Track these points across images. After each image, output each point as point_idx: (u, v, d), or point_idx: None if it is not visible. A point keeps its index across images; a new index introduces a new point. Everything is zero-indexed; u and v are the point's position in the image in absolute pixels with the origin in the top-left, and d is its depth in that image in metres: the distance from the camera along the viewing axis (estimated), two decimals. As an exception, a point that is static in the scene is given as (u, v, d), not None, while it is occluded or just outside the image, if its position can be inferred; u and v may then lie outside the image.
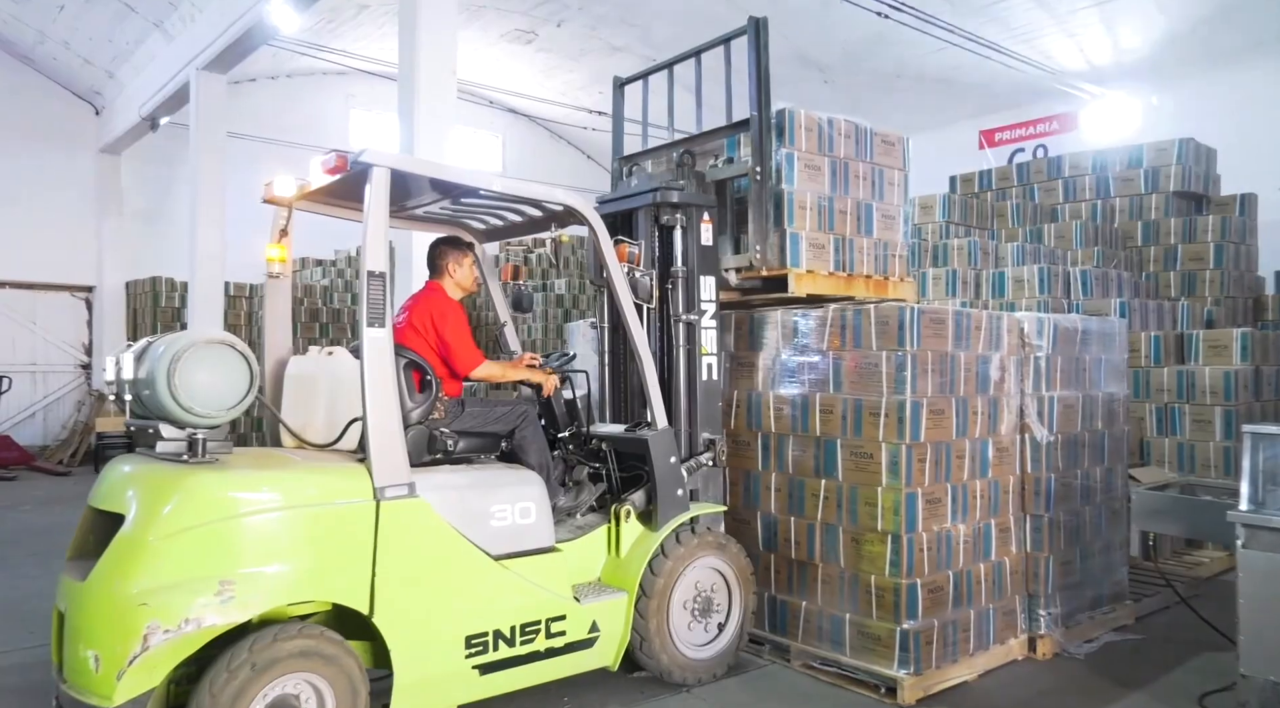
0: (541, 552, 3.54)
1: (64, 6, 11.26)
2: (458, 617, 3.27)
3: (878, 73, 12.72)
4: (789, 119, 4.36)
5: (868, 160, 4.65)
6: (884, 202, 4.71)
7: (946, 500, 3.98)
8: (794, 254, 4.31)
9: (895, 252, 4.73)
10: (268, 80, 14.76)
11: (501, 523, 3.44)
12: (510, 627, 3.38)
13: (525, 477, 3.65)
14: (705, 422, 4.17)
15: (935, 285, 7.21)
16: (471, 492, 3.44)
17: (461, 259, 4.00)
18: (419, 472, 3.28)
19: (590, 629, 3.59)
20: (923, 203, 8.20)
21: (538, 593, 3.46)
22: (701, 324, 4.17)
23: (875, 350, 3.95)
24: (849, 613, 3.98)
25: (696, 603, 3.93)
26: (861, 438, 3.97)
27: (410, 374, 3.57)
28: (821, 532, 4.12)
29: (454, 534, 3.27)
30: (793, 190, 4.32)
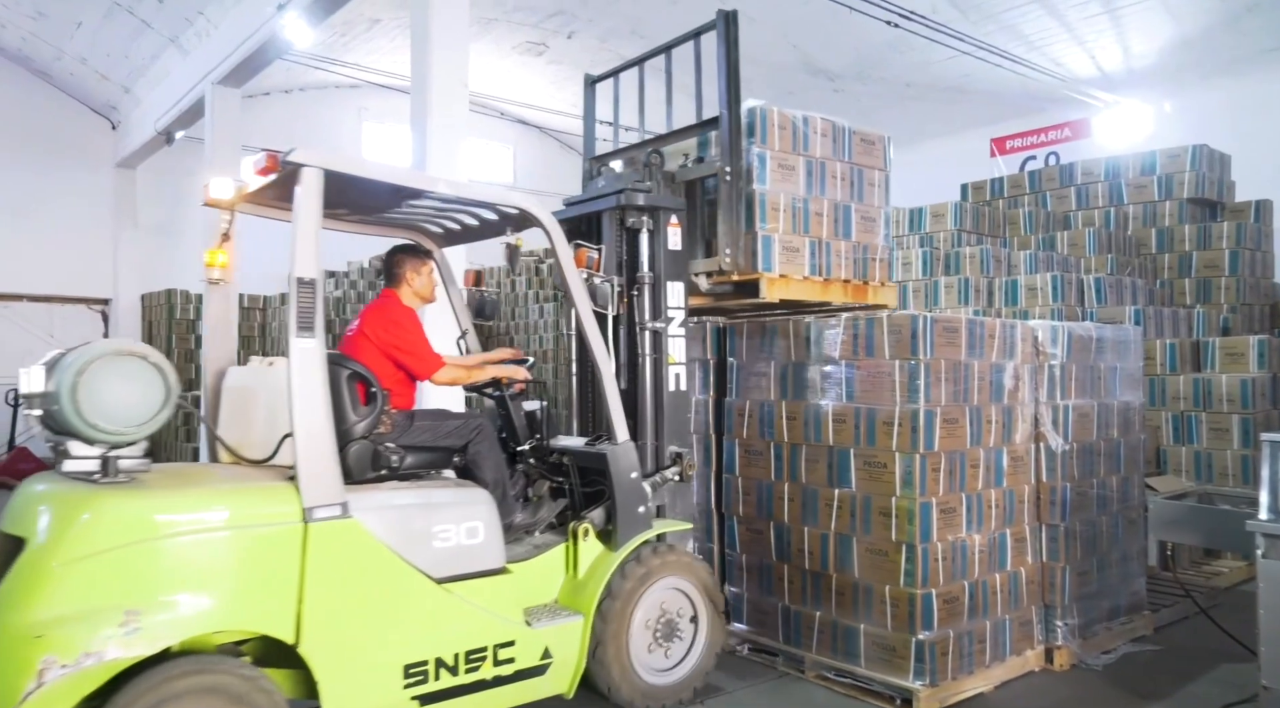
0: (489, 574, 3.34)
1: (81, 23, 11.41)
2: (395, 644, 3.06)
3: (888, 81, 12.72)
4: (760, 117, 4.18)
5: (846, 160, 4.48)
6: (864, 203, 4.54)
7: (961, 510, 3.95)
8: (766, 258, 4.14)
9: (876, 255, 4.56)
10: (281, 94, 14.90)
11: (445, 544, 3.23)
12: (454, 654, 3.16)
13: (473, 495, 3.43)
14: (673, 434, 4.01)
15: (947, 294, 7.19)
16: (412, 511, 3.22)
17: (420, 267, 3.84)
18: (358, 490, 3.12)
19: (542, 655, 3.38)
20: (934, 211, 8.18)
21: (484, 618, 3.26)
22: (669, 332, 4.02)
23: (888, 359, 3.94)
24: (863, 624, 3.96)
25: (659, 626, 3.71)
26: (875, 448, 3.95)
27: (355, 386, 3.39)
28: (835, 542, 4.10)
29: (392, 557, 3.07)
30: (765, 191, 4.16)
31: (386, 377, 3.56)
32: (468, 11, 5.92)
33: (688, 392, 4.12)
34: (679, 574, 3.77)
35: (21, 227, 12.93)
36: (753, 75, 14.72)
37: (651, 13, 11.63)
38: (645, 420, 3.98)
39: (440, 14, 5.71)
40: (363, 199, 3.71)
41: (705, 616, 3.85)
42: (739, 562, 4.56)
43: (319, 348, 2.95)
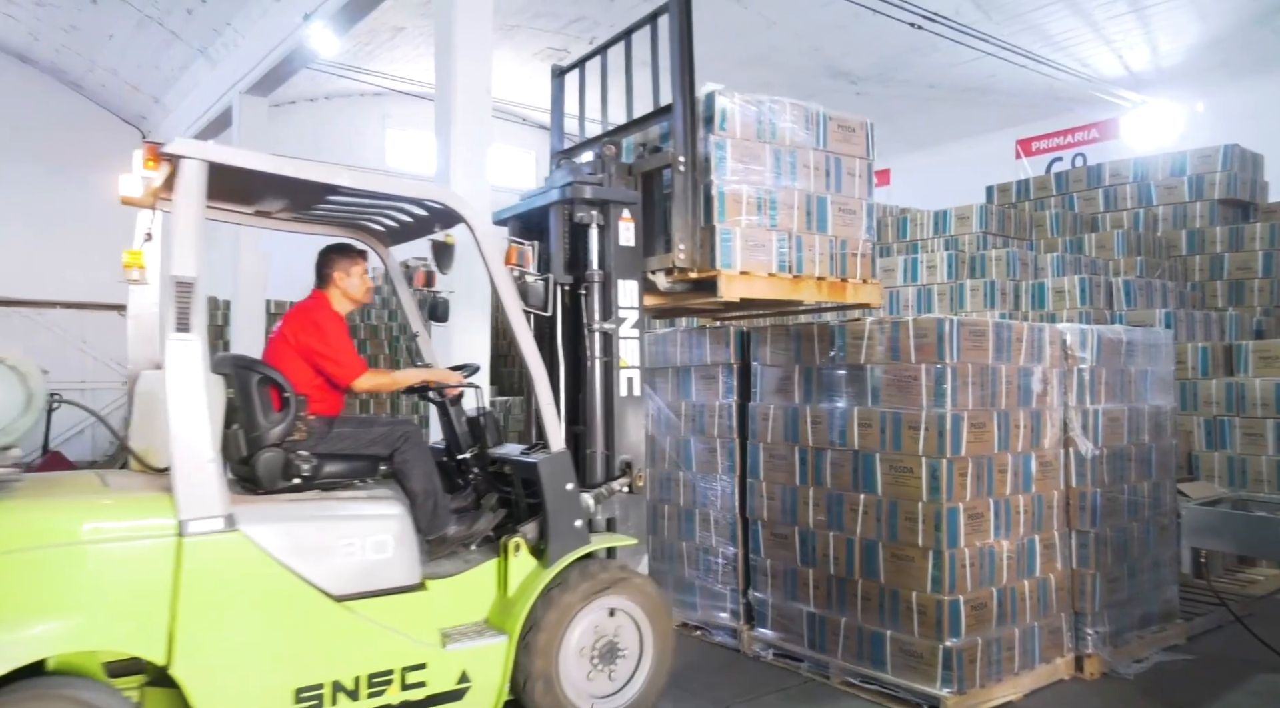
0: (400, 591, 3.12)
1: (113, 35, 11.63)
2: (285, 666, 2.87)
3: (911, 83, 12.64)
4: (718, 103, 3.90)
5: (821, 148, 4.17)
6: (841, 194, 4.22)
7: (989, 515, 3.91)
8: (725, 253, 3.86)
9: (856, 250, 4.24)
10: (307, 103, 15.08)
11: (347, 559, 3.03)
12: (354, 678, 2.96)
13: (383, 506, 3.21)
14: (624, 443, 3.76)
15: (973, 297, 7.12)
16: (311, 524, 3.02)
17: (350, 268, 3.65)
18: (250, 501, 3.01)
19: (459, 679, 3.14)
20: (959, 213, 8.11)
21: (391, 638, 3.05)
22: (620, 334, 3.76)
23: (914, 363, 3.91)
24: (890, 630, 3.92)
25: (597, 649, 3.45)
26: (901, 452, 3.92)
27: (268, 392, 3.28)
28: (861, 547, 4.07)
29: (282, 573, 2.88)
30: (725, 181, 3.88)
31: (306, 382, 3.44)
32: (491, 19, 5.96)
33: (642, 397, 3.84)
34: (620, 594, 3.47)
35: (54, 235, 13.17)
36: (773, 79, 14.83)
37: (673, 18, 11.64)
38: (595, 428, 3.74)
39: (463, 21, 5.76)
40: (283, 195, 3.55)
41: (651, 638, 3.56)
42: (763, 567, 4.54)
43: (198, 349, 2.78)
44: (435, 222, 3.78)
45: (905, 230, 8.52)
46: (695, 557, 4.91)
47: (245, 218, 3.84)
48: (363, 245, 3.91)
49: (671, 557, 5.06)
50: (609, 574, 3.46)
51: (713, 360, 4.86)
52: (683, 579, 4.98)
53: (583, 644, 3.42)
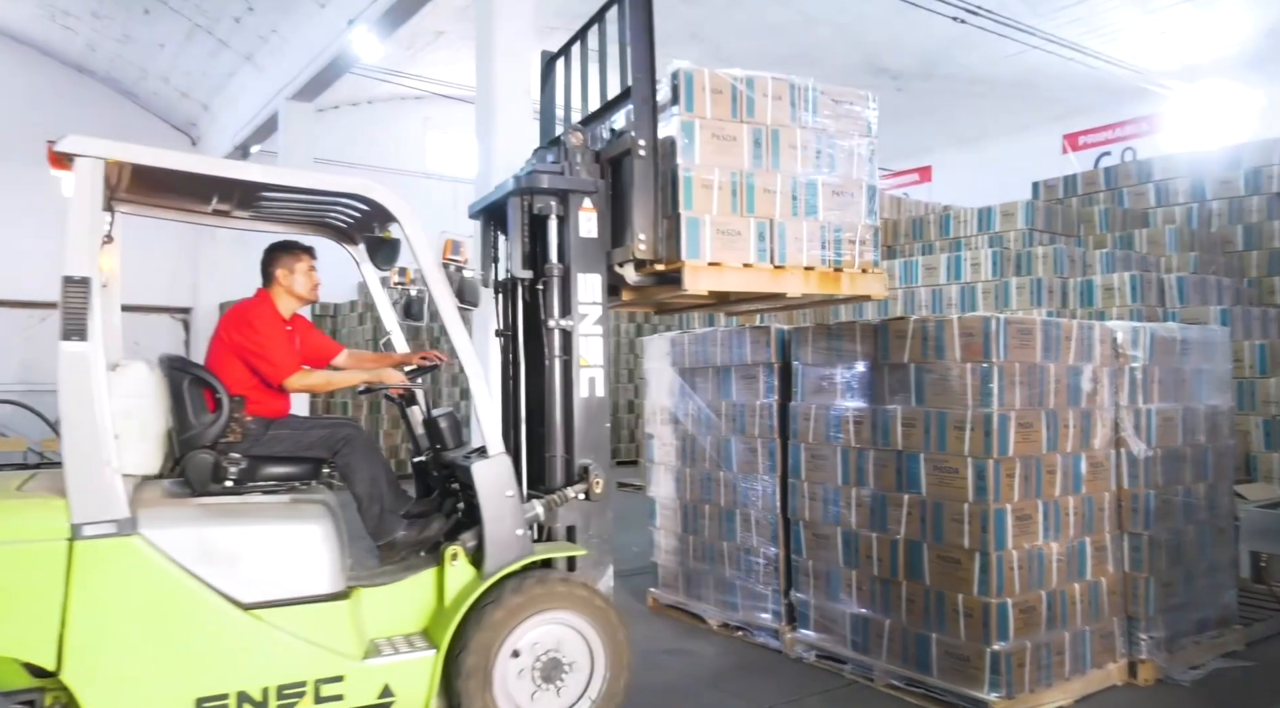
0: (318, 600, 3.01)
1: (164, 45, 11.95)
2: (185, 675, 2.79)
3: (953, 78, 12.46)
4: (687, 80, 3.57)
5: (810, 126, 3.82)
6: (836, 175, 3.85)
7: (1037, 517, 3.83)
8: (691, 243, 3.54)
9: (854, 236, 3.86)
10: (349, 107, 15.34)
11: (258, 566, 2.95)
12: (262, 688, 2.85)
13: (303, 510, 3.12)
14: (585, 447, 3.56)
15: (1019, 295, 6.99)
16: (220, 528, 2.95)
17: (293, 265, 3.59)
18: (163, 505, 3.00)
19: (381, 693, 3.01)
20: (1004, 210, 7.97)
21: (304, 649, 2.93)
22: (580, 331, 3.57)
23: (959, 362, 3.85)
24: (935, 633, 3.86)
25: (539, 666, 3.23)
26: (946, 452, 3.86)
27: (200, 392, 3.26)
28: (905, 548, 4.02)
29: (183, 578, 2.81)
30: (693, 165, 3.57)
31: (242, 382, 3.38)
32: (531, 21, 6.00)
33: (605, 397, 3.63)
34: (566, 607, 3.24)
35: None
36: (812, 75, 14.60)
37: (711, 16, 11.61)
38: (554, 431, 3.56)
39: (503, 24, 5.82)
40: (224, 194, 3.52)
41: (602, 656, 3.32)
42: (805, 567, 4.51)
43: (91, 353, 2.71)
44: (375, 218, 3.68)
45: (948, 228, 8.40)
46: (736, 557, 4.89)
47: (206, 217, 3.83)
48: (310, 242, 3.82)
49: (712, 557, 5.05)
50: (551, 587, 3.24)
51: (753, 360, 4.84)
52: (723, 579, 4.96)
53: (523, 661, 3.21)
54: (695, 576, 5.17)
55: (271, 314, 3.55)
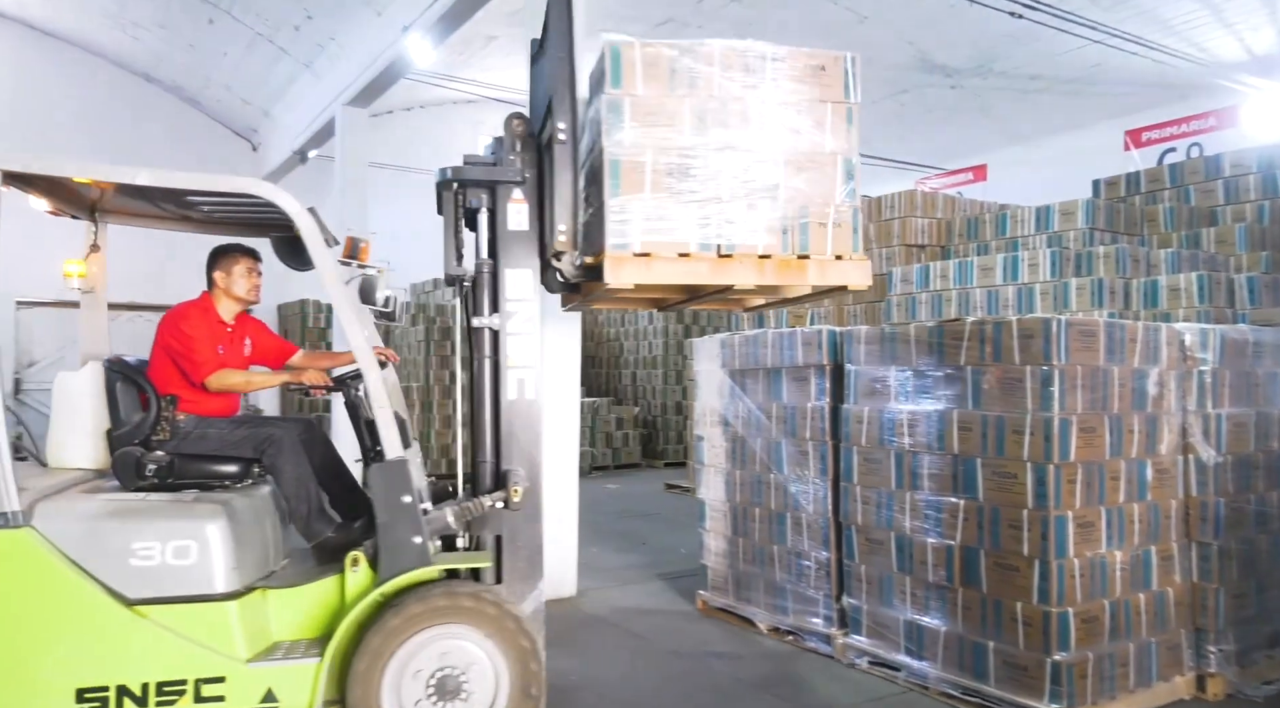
0: (205, 599, 3.00)
1: (227, 53, 12.31)
2: (66, 665, 2.87)
3: (1010, 75, 12.19)
4: (613, 55, 3.23)
5: (767, 95, 3.35)
6: (800, 149, 3.34)
7: (1100, 524, 3.72)
8: (618, 232, 3.20)
9: (825, 219, 3.31)
10: (403, 112, 15.61)
11: (146, 562, 2.96)
12: (141, 684, 2.90)
13: (196, 510, 3.11)
14: (513, 452, 3.40)
15: (1079, 296, 6.80)
16: (109, 523, 3.00)
17: (231, 267, 3.63)
18: (57, 499, 3.05)
19: (264, 698, 3.00)
20: (1063, 209, 7.76)
21: (186, 647, 2.94)
22: (508, 329, 3.41)
23: (1018, 365, 3.76)
24: (993, 641, 3.78)
25: (434, 682, 3.08)
26: (1004, 457, 3.78)
27: (132, 392, 3.38)
28: (961, 555, 3.94)
29: (69, 572, 2.89)
30: (621, 147, 3.22)
31: (175, 381, 3.45)
32: (582, 24, 6.03)
33: (536, 400, 3.43)
34: (468, 623, 3.09)
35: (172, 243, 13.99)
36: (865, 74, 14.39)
37: (759, 17, 11.55)
38: (482, 435, 3.43)
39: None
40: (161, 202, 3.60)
41: (507, 677, 3.13)
42: (857, 572, 4.45)
43: None
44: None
45: (1005, 227, 8.22)
46: (786, 561, 4.85)
47: (177, 225, 3.94)
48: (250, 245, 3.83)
49: (762, 560, 5.01)
50: (456, 600, 3.10)
51: (804, 362, 4.80)
52: (774, 583, 4.92)
53: (420, 675, 3.08)
54: (745, 579, 5.15)
55: (200, 315, 3.61)
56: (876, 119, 14.27)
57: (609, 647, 4.81)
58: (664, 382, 13.81)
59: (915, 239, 8.54)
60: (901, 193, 8.74)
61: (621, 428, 12.96)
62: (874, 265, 8.58)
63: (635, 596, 5.82)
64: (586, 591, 5.81)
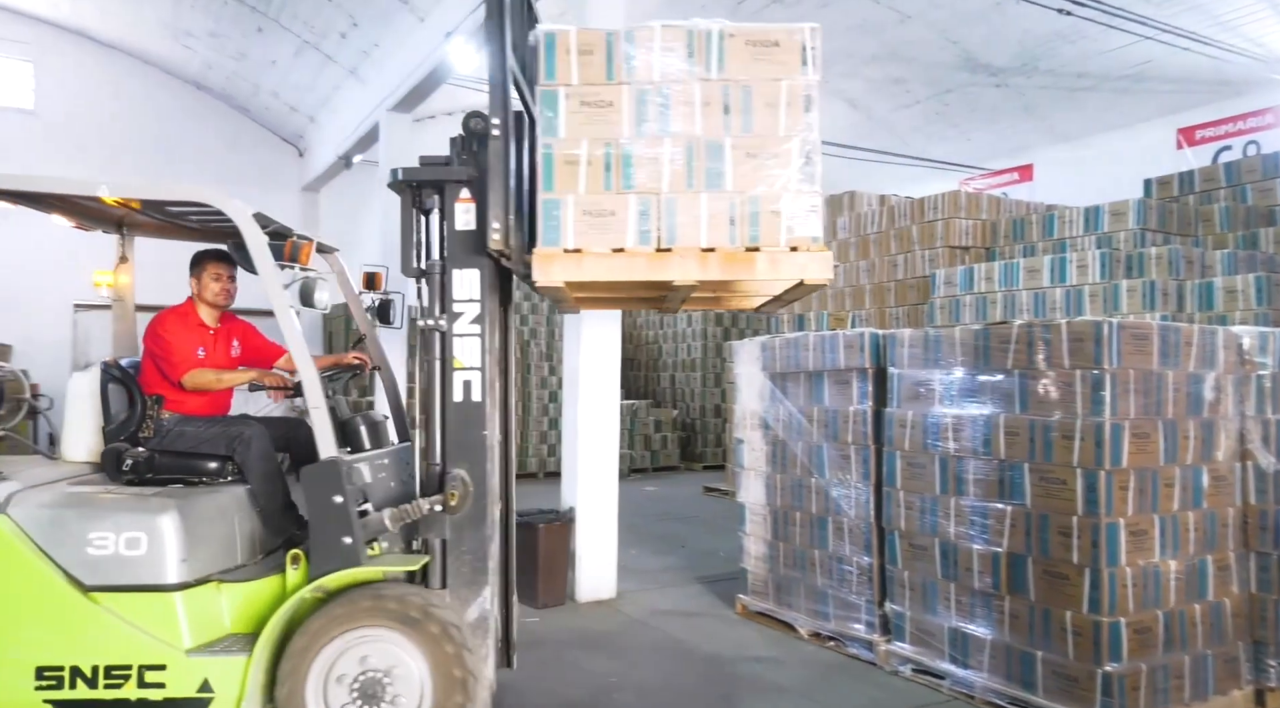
0: (153, 589, 3.11)
1: (275, 61, 12.59)
2: (28, 643, 3.06)
3: (1058, 73, 11.96)
4: (547, 44, 3.14)
5: (716, 77, 3.13)
6: (752, 134, 3.11)
7: (1153, 533, 3.63)
8: (549, 229, 3.11)
9: (778, 208, 3.08)
10: (444, 116, 15.77)
11: (101, 551, 3.10)
12: (92, 666, 3.05)
13: (150, 503, 3.21)
14: (457, 455, 3.36)
15: (1130, 298, 6.64)
16: (70, 513, 3.16)
17: (200, 273, 3.75)
18: (35, 489, 3.22)
19: (201, 688, 3.07)
20: (1113, 209, 7.59)
21: (132, 635, 3.07)
22: (455, 330, 3.38)
23: (1067, 369, 3.69)
24: (1041, 650, 3.70)
25: (358, 684, 3.07)
26: (1052, 462, 3.70)
27: (120, 392, 3.60)
28: (1007, 562, 3.87)
29: (32, 556, 3.07)
30: (555, 140, 3.14)
31: (162, 382, 3.63)
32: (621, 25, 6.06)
33: (482, 402, 3.38)
34: (392, 627, 3.06)
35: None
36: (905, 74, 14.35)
37: (802, 15, 11.48)
38: (432, 438, 3.43)
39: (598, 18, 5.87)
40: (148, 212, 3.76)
41: (430, 686, 3.08)
42: (900, 578, 4.39)
43: None
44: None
45: (1052, 228, 8.05)
46: (828, 565, 4.81)
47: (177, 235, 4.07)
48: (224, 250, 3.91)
49: (803, 565, 4.97)
50: (383, 603, 3.08)
51: (846, 365, 4.75)
52: (815, 588, 4.88)
53: (344, 677, 3.08)
54: (785, 583, 5.11)
55: (178, 320, 3.75)
56: (918, 119, 14.10)
57: (648, 649, 4.81)
58: (702, 384, 13.78)
59: (959, 241, 8.41)
60: (945, 194, 8.61)
61: (660, 431, 12.96)
62: (917, 267, 8.52)
63: (674, 599, 5.82)
64: (625, 593, 5.81)
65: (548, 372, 12.33)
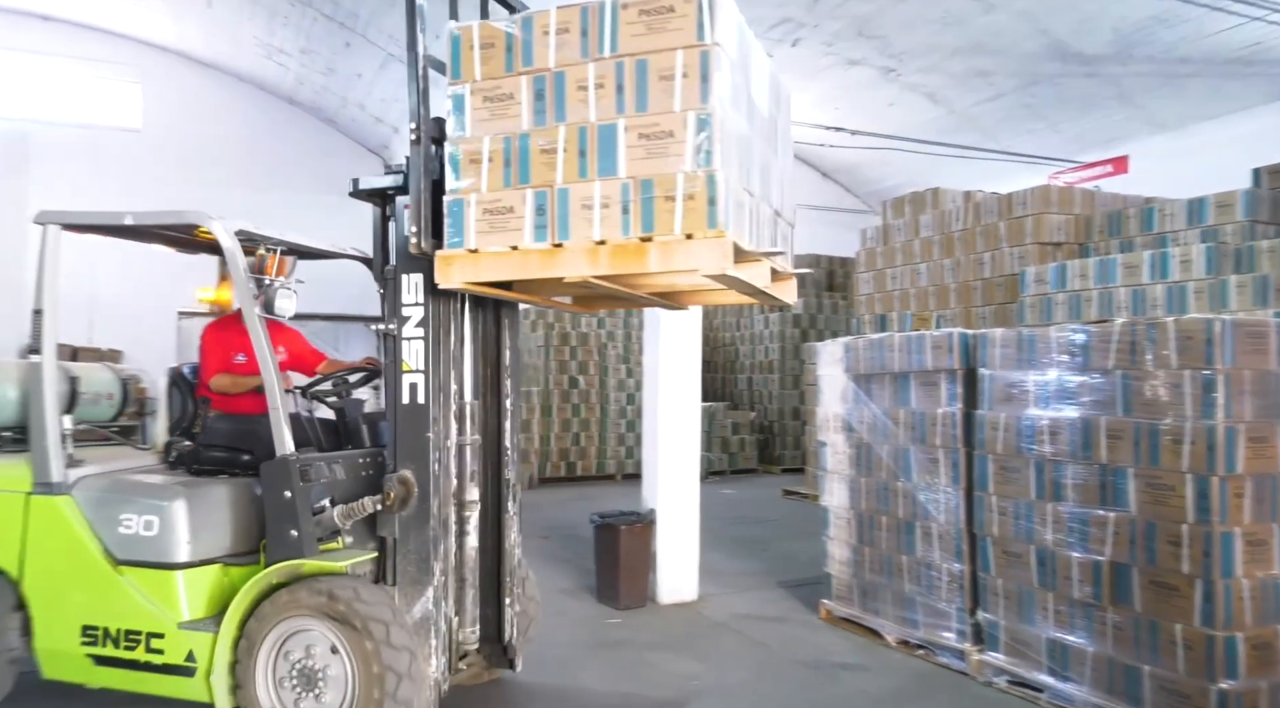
0: (162, 566, 3.49)
1: (361, 74, 13.04)
2: (77, 606, 3.56)
3: (1155, 60, 11.39)
4: (453, 44, 3.11)
5: (609, 55, 2.90)
6: (646, 114, 2.86)
7: (1273, 542, 3.42)
8: (455, 230, 3.06)
9: (672, 192, 2.81)
10: (522, 124, 16.11)
11: (127, 531, 3.54)
12: (117, 629, 3.50)
13: (166, 490, 3.58)
14: (405, 456, 3.46)
15: (1239, 294, 6.28)
16: (109, 496, 3.63)
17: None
18: (99, 474, 3.71)
19: (187, 657, 3.41)
20: (1219, 201, 7.19)
21: (143, 605, 3.48)
22: (403, 334, 3.46)
23: (1175, 369, 3.51)
24: (1148, 665, 3.53)
25: (297, 671, 3.26)
26: (1159, 467, 3.53)
27: (182, 393, 4.08)
28: (1110, 571, 3.70)
29: (81, 532, 3.57)
30: (461, 138, 3.08)
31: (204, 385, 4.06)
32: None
33: (426, 404, 3.45)
34: (320, 615, 3.21)
35: (313, 255, 14.93)
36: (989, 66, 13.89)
37: (879, 12, 11.26)
38: (392, 440, 3.54)
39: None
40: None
41: (358, 678, 3.18)
42: (994, 586, 4.25)
43: (42, 365, 3.70)
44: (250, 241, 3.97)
45: (1151, 222, 7.68)
46: (916, 571, 4.69)
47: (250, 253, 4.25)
48: None
49: (890, 570, 4.86)
50: (316, 596, 3.24)
51: (934, 366, 4.63)
52: (902, 594, 4.77)
53: (284, 664, 3.29)
54: (871, 589, 5.01)
55: (218, 329, 4.12)
56: (1003, 112, 13.64)
57: (732, 654, 4.78)
58: (780, 386, 13.63)
59: (1050, 237, 8.10)
60: (1035, 188, 8.31)
61: (738, 433, 12.87)
62: (1005, 265, 8.24)
63: (756, 603, 5.77)
64: (707, 596, 5.79)
65: (625, 374, 12.39)
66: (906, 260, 9.46)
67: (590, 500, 9.00)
